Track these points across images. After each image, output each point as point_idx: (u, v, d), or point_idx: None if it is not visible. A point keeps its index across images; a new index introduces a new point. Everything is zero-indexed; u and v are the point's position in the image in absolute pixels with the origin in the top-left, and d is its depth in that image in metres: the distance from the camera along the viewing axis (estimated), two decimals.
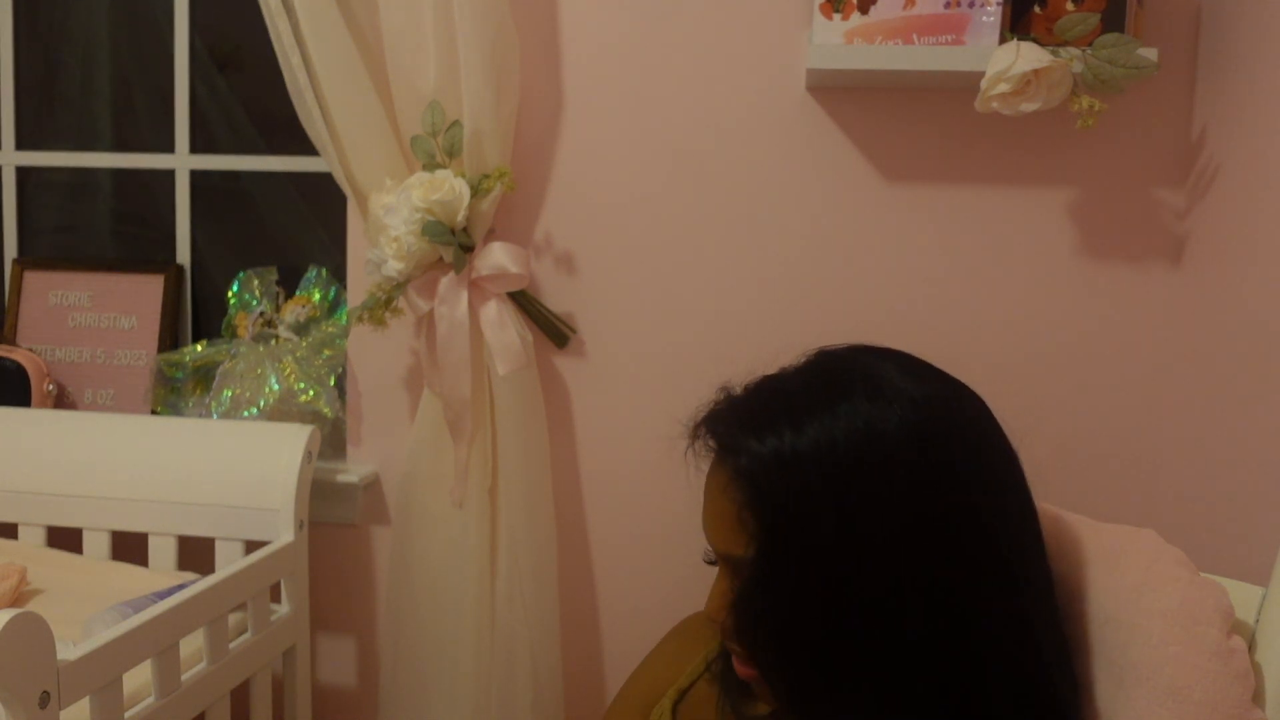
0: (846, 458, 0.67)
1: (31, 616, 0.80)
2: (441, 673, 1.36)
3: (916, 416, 0.68)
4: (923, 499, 0.66)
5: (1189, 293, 1.27)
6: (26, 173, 1.69)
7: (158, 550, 1.33)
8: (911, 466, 0.67)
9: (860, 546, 0.66)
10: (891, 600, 0.66)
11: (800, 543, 0.67)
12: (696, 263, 1.36)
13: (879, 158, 1.31)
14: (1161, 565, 0.73)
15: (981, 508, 0.68)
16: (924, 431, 0.68)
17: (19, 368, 1.52)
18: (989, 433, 0.73)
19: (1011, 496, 0.72)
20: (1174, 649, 0.68)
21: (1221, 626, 0.69)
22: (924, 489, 0.67)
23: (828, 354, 0.78)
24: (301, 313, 1.50)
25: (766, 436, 0.69)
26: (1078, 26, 1.11)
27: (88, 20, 1.67)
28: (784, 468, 0.68)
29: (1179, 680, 0.67)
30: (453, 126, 1.25)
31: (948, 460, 0.68)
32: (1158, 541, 0.76)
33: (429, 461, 1.36)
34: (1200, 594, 0.70)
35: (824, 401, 0.69)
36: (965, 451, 0.69)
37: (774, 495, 0.68)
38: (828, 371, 0.74)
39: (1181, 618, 0.69)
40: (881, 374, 0.71)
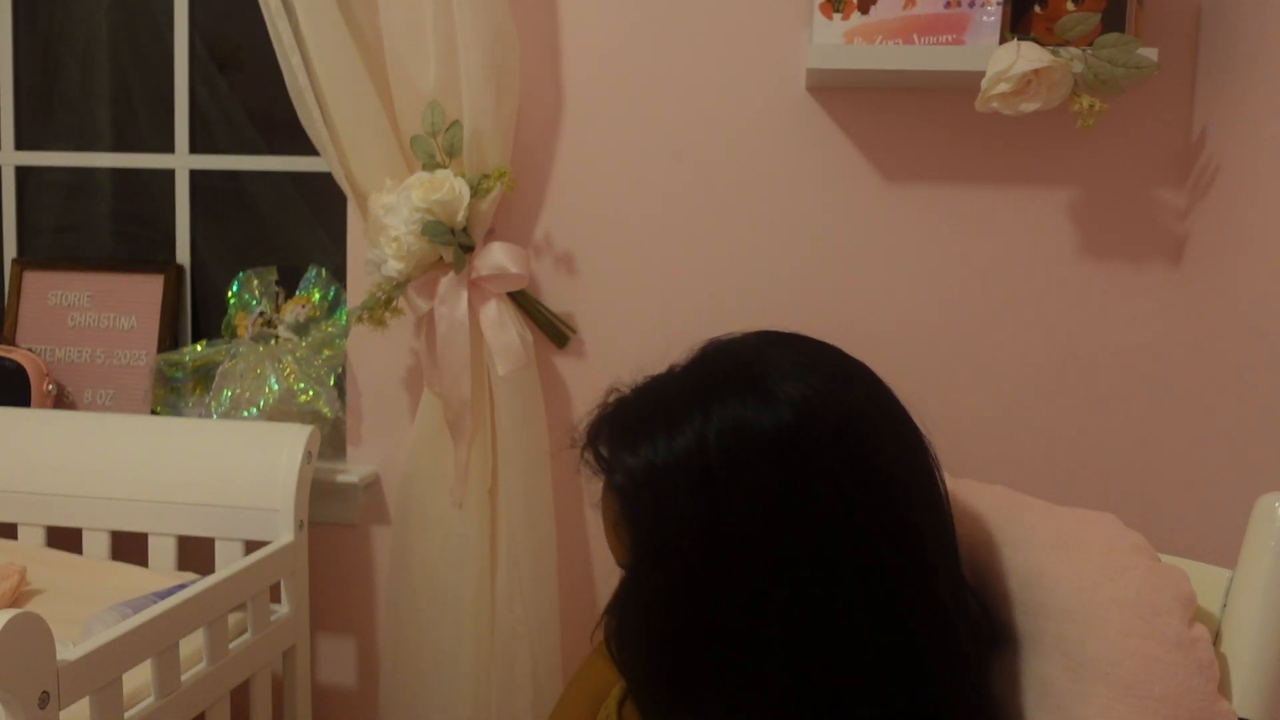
0: (715, 464, 0.64)
1: (31, 616, 0.79)
2: (441, 673, 1.36)
3: (792, 417, 0.64)
4: (791, 502, 0.63)
5: (1189, 293, 1.27)
6: (26, 173, 1.69)
7: (157, 550, 1.33)
8: (779, 469, 0.63)
9: (726, 554, 0.63)
10: (755, 605, 0.63)
11: (668, 552, 0.65)
12: (696, 262, 1.36)
13: (879, 158, 1.31)
14: (1119, 552, 0.69)
15: (858, 509, 0.63)
16: (798, 432, 0.63)
17: (19, 368, 1.52)
18: (878, 428, 0.67)
19: (901, 497, 0.66)
20: (1133, 642, 0.65)
21: (1182, 616, 0.66)
22: (793, 492, 0.63)
23: (718, 347, 0.75)
24: (301, 313, 1.50)
25: (640, 449, 0.66)
26: (1078, 26, 1.11)
27: (88, 20, 1.67)
28: (651, 479, 0.66)
29: (1140, 674, 0.64)
30: (453, 126, 1.25)
31: (821, 462, 0.63)
32: (1116, 526, 0.72)
33: (429, 461, 1.36)
34: (1160, 582, 0.67)
35: (699, 405, 0.66)
36: (843, 452, 0.64)
37: (644, 508, 0.66)
38: (710, 370, 0.71)
39: (1141, 608, 0.66)
40: (764, 369, 0.67)
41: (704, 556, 0.64)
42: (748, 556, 0.63)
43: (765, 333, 0.74)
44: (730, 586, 0.63)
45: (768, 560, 0.63)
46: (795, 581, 0.62)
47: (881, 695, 0.63)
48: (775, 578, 0.63)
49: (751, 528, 0.63)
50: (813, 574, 0.62)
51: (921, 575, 0.65)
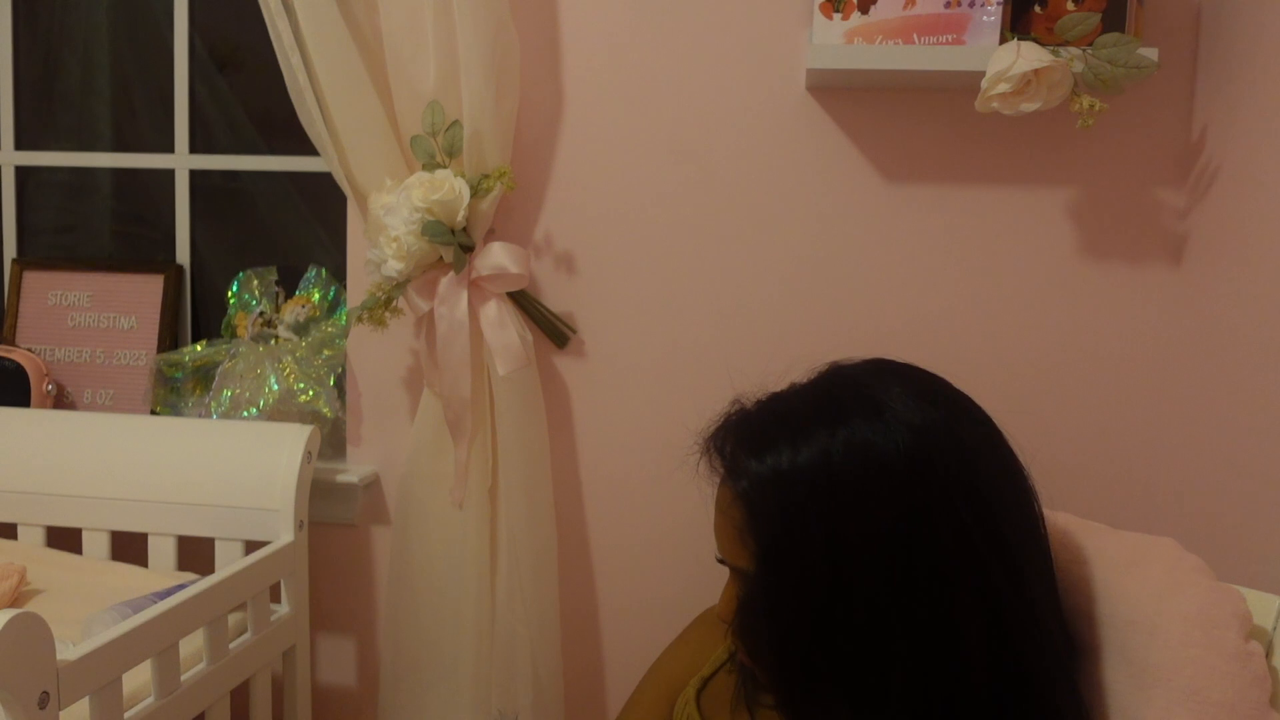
0: (840, 481, 0.68)
1: (31, 616, 0.79)
2: (441, 673, 1.36)
3: (914, 444, 0.69)
4: (912, 525, 0.68)
5: (1189, 292, 1.27)
6: (26, 173, 1.69)
7: (157, 550, 1.33)
8: (903, 492, 0.68)
9: (849, 569, 0.68)
10: (878, 620, 0.68)
11: (793, 563, 0.70)
12: (696, 262, 1.36)
13: (879, 158, 1.31)
14: (1181, 571, 0.75)
15: (973, 534, 0.69)
16: (919, 459, 0.69)
17: (19, 368, 1.52)
18: (989, 458, 0.74)
19: (1009, 523, 0.71)
20: (1194, 651, 0.69)
21: (1239, 631, 0.71)
22: (914, 516, 0.68)
23: (839, 371, 0.79)
24: (301, 313, 1.50)
25: (766, 458, 0.71)
26: (1078, 26, 1.11)
27: (88, 20, 1.67)
28: (779, 490, 0.70)
29: (1198, 681, 0.69)
30: (453, 126, 1.25)
31: (941, 488, 0.68)
32: (1177, 549, 0.78)
33: (429, 461, 1.36)
34: (1219, 599, 0.72)
35: (825, 423, 0.71)
36: (960, 480, 0.69)
37: (770, 518, 0.71)
38: (834, 391, 0.75)
39: (1201, 621, 0.70)
40: (886, 397, 0.72)
41: (825, 566, 0.68)
42: (865, 570, 0.68)
43: (884, 361, 0.79)
44: (847, 597, 0.68)
45: (884, 575, 0.67)
46: (910, 597, 0.67)
47: (991, 705, 0.69)
48: (890, 592, 0.67)
49: (871, 543, 0.68)
50: (927, 590, 0.67)
51: (1026, 597, 0.71)
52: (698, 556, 1.41)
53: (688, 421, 1.41)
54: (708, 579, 1.37)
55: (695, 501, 1.38)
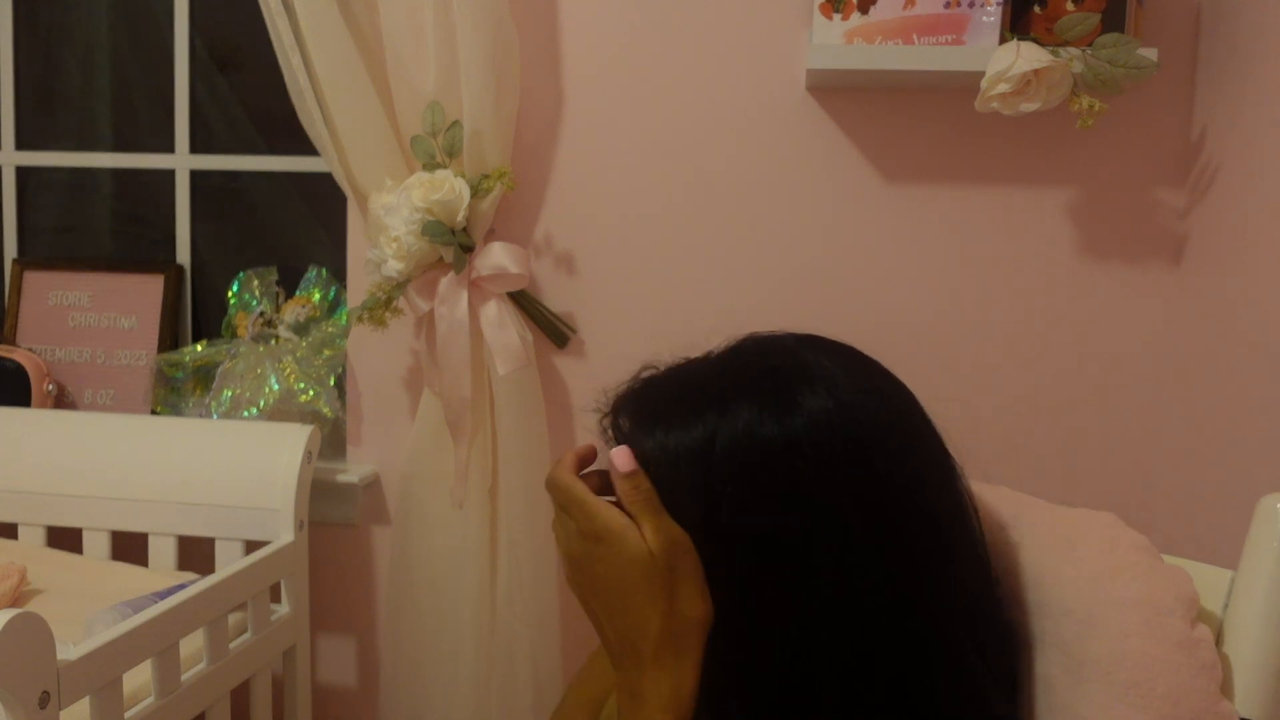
0: (717, 462, 0.64)
1: (31, 616, 0.79)
2: (441, 673, 1.36)
3: (805, 431, 0.64)
4: (786, 518, 0.63)
5: (1189, 293, 1.27)
6: (26, 173, 1.69)
7: (157, 550, 1.33)
8: (780, 483, 0.63)
9: (716, 550, 0.64)
10: (743, 611, 0.64)
11: None
12: (696, 262, 1.36)
13: (879, 158, 1.31)
14: (1120, 552, 0.68)
15: (854, 530, 0.63)
16: (806, 447, 0.64)
17: (19, 368, 1.52)
18: (889, 447, 0.67)
19: (914, 514, 0.66)
20: (1134, 642, 0.64)
21: (1185, 616, 0.65)
22: (790, 508, 0.63)
23: (752, 343, 0.75)
24: (301, 313, 1.50)
25: (655, 432, 0.68)
26: (1078, 26, 1.11)
27: (88, 20, 1.67)
28: (659, 464, 0.66)
29: (1140, 674, 0.63)
30: (453, 126, 1.25)
31: (825, 481, 0.64)
32: (1117, 525, 0.72)
33: (429, 461, 1.36)
34: (1162, 582, 0.66)
35: (717, 400, 0.67)
36: (849, 469, 0.64)
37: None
38: (739, 366, 0.72)
39: (1143, 608, 0.65)
40: (790, 378, 0.67)
41: (701, 545, 0.65)
42: (738, 554, 0.64)
43: (802, 336, 0.75)
44: (724, 579, 0.64)
45: (756, 562, 0.63)
46: (784, 589, 0.63)
47: (893, 702, 0.63)
48: (762, 581, 0.63)
49: (742, 529, 0.64)
50: (803, 583, 0.63)
51: (940, 590, 0.65)
52: None
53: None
54: None
55: None
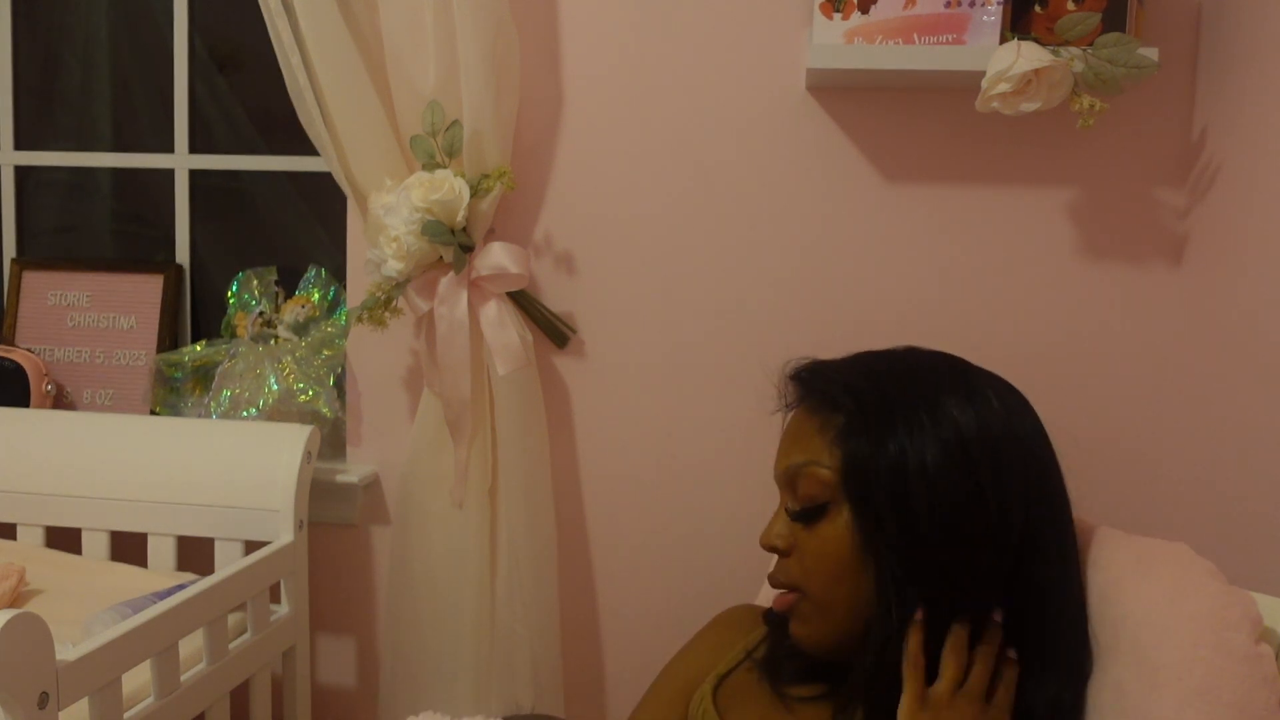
0: (952, 456, 0.76)
1: (31, 617, 0.79)
2: (441, 673, 1.36)
3: (1005, 432, 0.80)
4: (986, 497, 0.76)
5: (1189, 293, 1.27)
6: (26, 173, 1.69)
7: (157, 550, 1.33)
8: (983, 476, 0.76)
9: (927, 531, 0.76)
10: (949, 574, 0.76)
11: (891, 509, 0.77)
12: (696, 262, 1.36)
13: (879, 158, 1.31)
14: (1193, 574, 0.76)
15: (1044, 522, 0.79)
16: (1000, 453, 0.78)
17: (18, 368, 1.52)
18: (1052, 459, 0.84)
19: (1062, 519, 0.82)
20: (1204, 652, 0.71)
21: (1250, 633, 0.72)
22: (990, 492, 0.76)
23: (931, 355, 0.87)
24: (301, 313, 1.50)
25: (898, 432, 0.77)
26: (1078, 26, 1.11)
27: (88, 20, 1.67)
28: (901, 465, 0.77)
29: (1209, 681, 0.70)
30: (452, 126, 1.25)
31: (1009, 481, 0.78)
32: (1189, 554, 0.79)
33: (429, 461, 1.36)
34: (1230, 601, 0.73)
35: (952, 399, 0.79)
36: (1026, 476, 0.79)
37: (877, 474, 0.77)
38: (938, 370, 0.84)
39: (1212, 623, 0.72)
40: (981, 391, 0.82)
41: (924, 517, 0.76)
42: (956, 529, 0.76)
43: (969, 364, 0.88)
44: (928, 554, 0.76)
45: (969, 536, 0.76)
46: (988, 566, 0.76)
47: None
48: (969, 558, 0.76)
49: (947, 522, 0.76)
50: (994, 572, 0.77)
51: (1072, 580, 0.80)
52: (697, 556, 1.41)
53: (688, 421, 1.41)
54: (707, 578, 1.37)
55: (695, 500, 1.39)
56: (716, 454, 1.37)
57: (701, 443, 1.38)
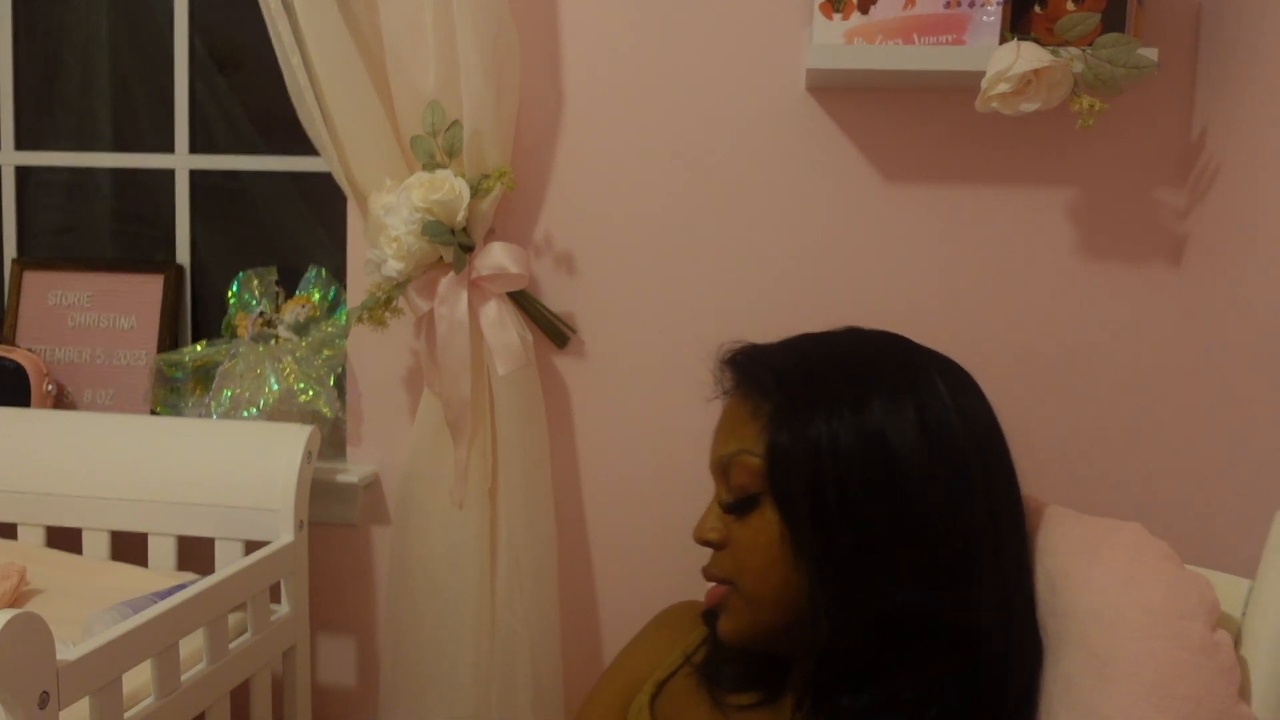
0: (879, 451, 0.73)
1: (31, 616, 0.79)
2: (441, 673, 1.36)
3: (953, 424, 0.75)
4: (933, 496, 0.73)
5: (1189, 293, 1.27)
6: (26, 173, 1.69)
7: (157, 550, 1.33)
8: (917, 467, 0.73)
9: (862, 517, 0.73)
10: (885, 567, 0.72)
11: (814, 505, 0.74)
12: (696, 262, 1.36)
13: (879, 158, 1.31)
14: (1146, 559, 0.72)
15: (976, 511, 0.74)
16: (938, 442, 0.74)
17: (18, 368, 1.52)
18: (998, 440, 0.79)
19: (1006, 508, 0.77)
20: (1158, 644, 0.67)
21: (1206, 620, 0.68)
22: (938, 488, 0.73)
23: (873, 337, 0.83)
24: (301, 313, 1.50)
25: (830, 416, 0.74)
26: (1078, 26, 1.11)
27: (88, 20, 1.67)
28: (822, 446, 0.73)
29: (1163, 675, 0.66)
30: (453, 126, 1.25)
31: (951, 469, 0.74)
32: (1143, 535, 0.75)
33: (429, 461, 1.36)
34: (1185, 588, 0.70)
35: (879, 391, 0.75)
36: (965, 465, 0.75)
37: (800, 467, 0.74)
38: (876, 358, 0.80)
39: (1166, 612, 0.68)
40: (921, 375, 0.78)
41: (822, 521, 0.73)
42: (880, 521, 0.73)
43: (903, 339, 0.85)
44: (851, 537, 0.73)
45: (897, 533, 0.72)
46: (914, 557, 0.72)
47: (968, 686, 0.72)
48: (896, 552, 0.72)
49: (883, 513, 0.72)
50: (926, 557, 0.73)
51: (1012, 574, 0.76)
52: (697, 556, 1.41)
53: (688, 421, 1.42)
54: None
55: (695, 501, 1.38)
56: None
57: (701, 442, 1.37)
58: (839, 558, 0.72)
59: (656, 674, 0.89)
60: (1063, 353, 1.31)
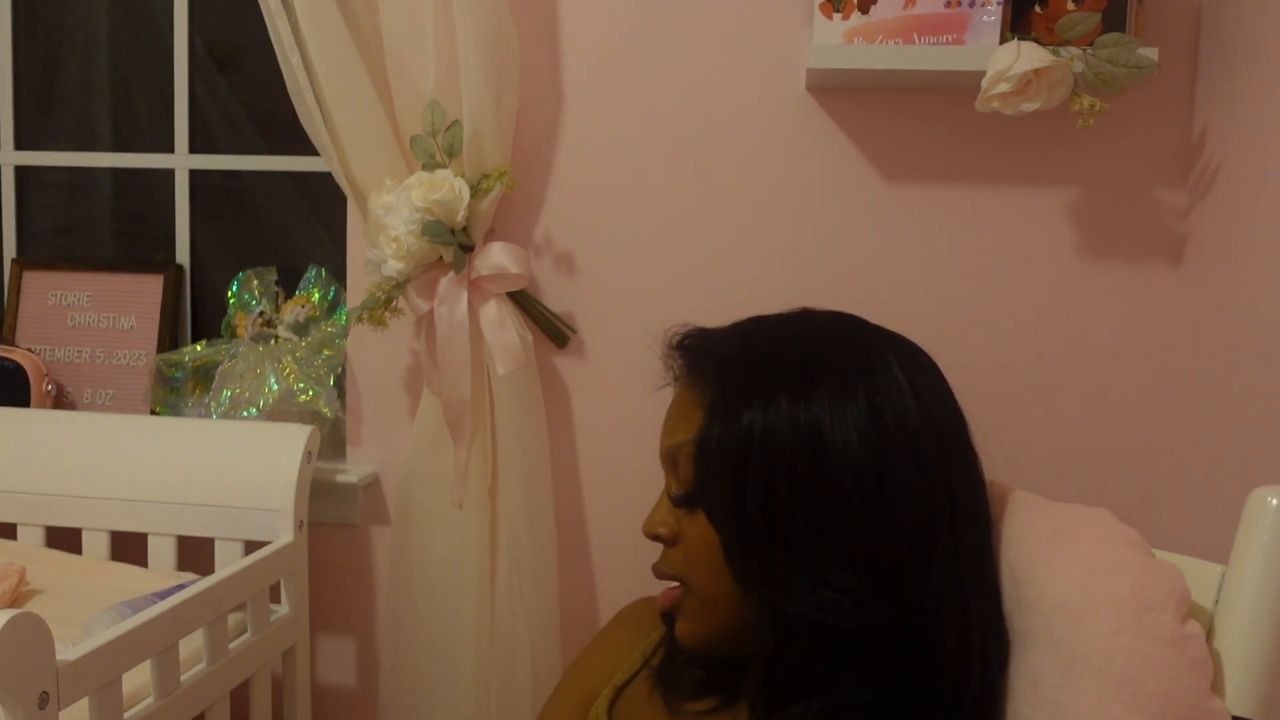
0: (813, 441, 0.68)
1: (31, 617, 0.79)
2: (441, 673, 1.36)
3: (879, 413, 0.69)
4: (879, 483, 0.68)
5: (1189, 293, 1.27)
6: (26, 173, 1.69)
7: (157, 550, 1.33)
8: (876, 448, 0.68)
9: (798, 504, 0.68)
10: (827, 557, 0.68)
11: (751, 498, 0.69)
12: (696, 262, 1.36)
13: (879, 158, 1.31)
14: (1113, 548, 0.69)
15: (934, 502, 0.69)
16: (899, 421, 0.70)
17: (18, 368, 1.52)
18: (954, 423, 0.74)
19: (964, 497, 0.72)
20: (1126, 638, 0.64)
21: (1176, 612, 0.65)
22: (883, 474, 0.68)
23: (824, 321, 0.80)
24: (301, 313, 1.50)
25: (770, 404, 0.69)
26: (1078, 26, 1.11)
27: (88, 20, 1.67)
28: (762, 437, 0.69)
29: (1131, 671, 0.63)
30: (452, 126, 1.25)
31: (911, 447, 0.69)
32: (1110, 521, 0.72)
33: (429, 461, 1.36)
34: (1153, 578, 0.66)
35: (826, 382, 0.70)
36: (919, 454, 0.70)
37: (731, 458, 0.70)
38: (824, 345, 0.76)
39: (1134, 604, 0.65)
40: (869, 359, 0.73)
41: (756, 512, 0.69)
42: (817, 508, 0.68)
43: (857, 319, 0.81)
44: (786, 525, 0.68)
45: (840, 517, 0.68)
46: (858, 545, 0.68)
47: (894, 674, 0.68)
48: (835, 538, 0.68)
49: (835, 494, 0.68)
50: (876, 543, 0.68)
51: (968, 575, 0.71)
52: None
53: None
54: None
55: None
56: None
57: None
58: (767, 557, 0.68)
59: (616, 678, 0.86)
60: (1062, 352, 1.31)
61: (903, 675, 0.68)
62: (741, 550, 0.70)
